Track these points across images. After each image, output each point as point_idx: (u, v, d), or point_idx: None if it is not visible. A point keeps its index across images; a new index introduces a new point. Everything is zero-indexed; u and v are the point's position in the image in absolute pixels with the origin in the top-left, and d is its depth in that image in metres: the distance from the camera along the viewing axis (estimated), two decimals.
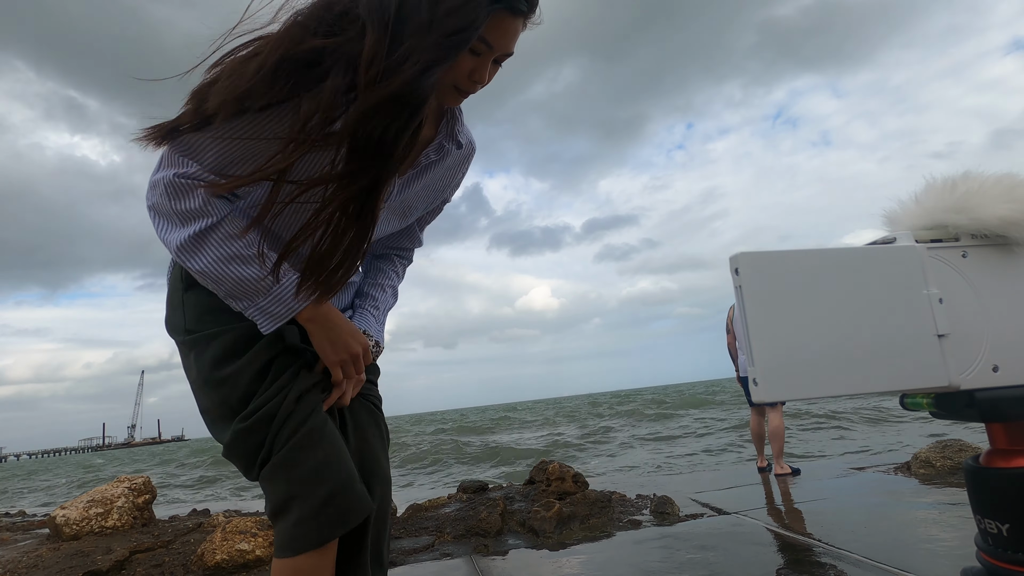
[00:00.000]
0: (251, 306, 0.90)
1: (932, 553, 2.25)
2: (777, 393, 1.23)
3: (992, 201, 1.30)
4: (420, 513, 3.78)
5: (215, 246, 0.87)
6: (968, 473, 1.37)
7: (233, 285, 0.88)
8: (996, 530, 1.26)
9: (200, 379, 0.94)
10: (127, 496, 3.90)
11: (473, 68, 0.91)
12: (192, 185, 0.86)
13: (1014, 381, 1.28)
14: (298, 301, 0.90)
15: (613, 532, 3.08)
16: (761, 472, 4.56)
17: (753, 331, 1.24)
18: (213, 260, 0.87)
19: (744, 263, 1.26)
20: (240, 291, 0.89)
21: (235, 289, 0.88)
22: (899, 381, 1.27)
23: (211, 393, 0.93)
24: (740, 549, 2.57)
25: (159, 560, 3.03)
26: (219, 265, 0.87)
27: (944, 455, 3.93)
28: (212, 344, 0.93)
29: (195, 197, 0.86)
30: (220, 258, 0.87)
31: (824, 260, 1.29)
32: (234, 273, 0.88)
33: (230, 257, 0.87)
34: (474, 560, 2.79)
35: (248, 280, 0.88)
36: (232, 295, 0.89)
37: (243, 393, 0.91)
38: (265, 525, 3.09)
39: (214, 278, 0.88)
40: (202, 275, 0.88)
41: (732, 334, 4.74)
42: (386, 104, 0.80)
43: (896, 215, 1.45)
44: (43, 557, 3.15)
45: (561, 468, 3.79)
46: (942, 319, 1.28)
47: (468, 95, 0.97)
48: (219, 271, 0.87)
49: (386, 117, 0.80)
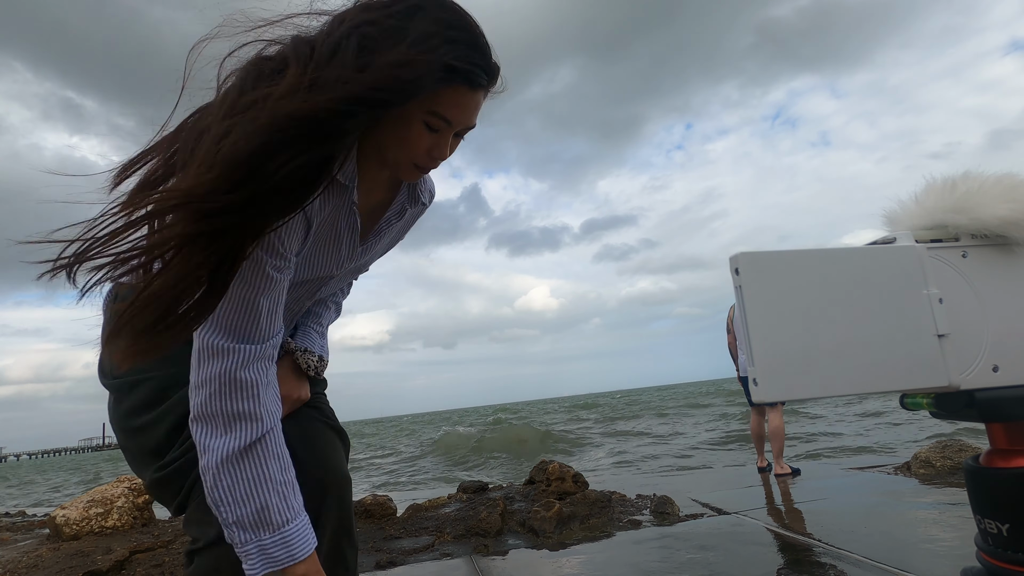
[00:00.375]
0: (252, 540, 0.75)
1: (932, 553, 2.25)
2: (777, 393, 1.23)
3: (992, 201, 1.30)
4: (420, 513, 3.78)
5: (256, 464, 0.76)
6: (968, 473, 1.37)
7: (251, 514, 0.75)
8: (996, 530, 1.26)
9: (117, 424, 0.92)
10: (127, 496, 3.90)
11: (432, 145, 0.83)
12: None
13: (1014, 381, 1.28)
14: (303, 549, 0.77)
15: (613, 532, 3.08)
16: (761, 472, 4.56)
17: (753, 331, 1.24)
18: (247, 480, 0.75)
19: (744, 263, 1.26)
20: (251, 521, 0.75)
21: (248, 519, 0.75)
22: (899, 381, 1.27)
23: (128, 439, 0.91)
24: (740, 549, 2.57)
25: (159, 560, 3.03)
26: (250, 487, 0.75)
27: (944, 455, 3.93)
28: (132, 392, 0.89)
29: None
30: (255, 479, 0.75)
31: (824, 260, 1.29)
32: (260, 500, 0.75)
33: (265, 480, 0.76)
34: (474, 560, 2.79)
35: (269, 510, 0.75)
36: (239, 523, 0.75)
37: (156, 444, 0.87)
38: None
39: (232, 500, 0.74)
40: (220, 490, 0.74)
41: (732, 334, 4.74)
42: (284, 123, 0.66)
43: (896, 215, 1.45)
44: (43, 557, 3.15)
45: (561, 468, 3.79)
46: (942, 319, 1.28)
47: (428, 171, 0.90)
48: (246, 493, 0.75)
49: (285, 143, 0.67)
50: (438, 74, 0.73)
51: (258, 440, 0.75)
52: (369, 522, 3.73)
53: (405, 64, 0.70)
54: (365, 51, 0.71)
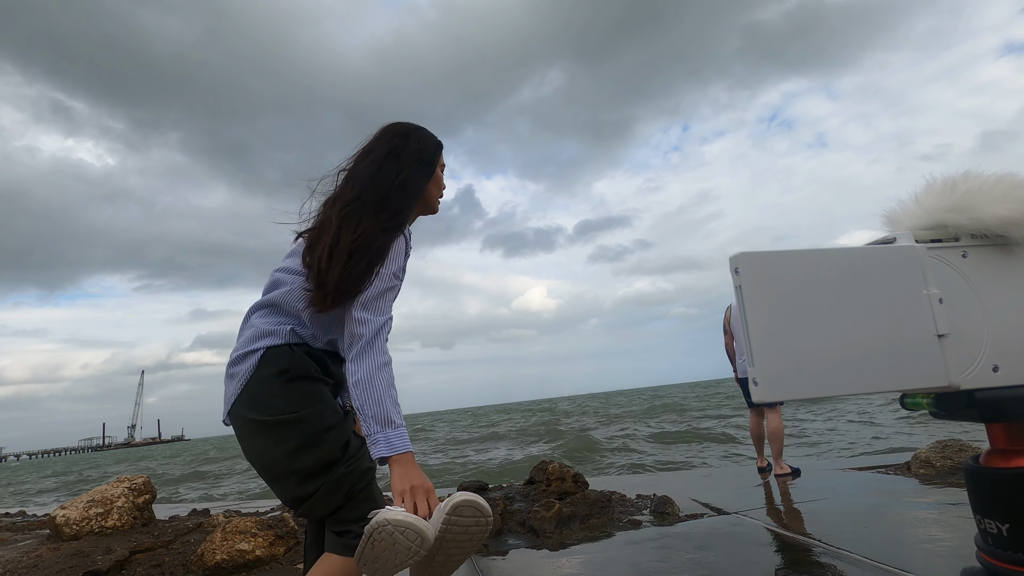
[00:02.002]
0: (380, 431, 1.16)
1: (932, 553, 2.25)
2: (777, 393, 1.23)
3: (992, 201, 1.30)
4: None
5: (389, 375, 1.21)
6: (968, 473, 1.37)
7: (383, 411, 1.16)
8: (996, 530, 1.26)
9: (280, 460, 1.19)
10: (127, 496, 3.90)
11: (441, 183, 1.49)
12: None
13: (1014, 381, 1.28)
14: (408, 445, 1.18)
15: (613, 532, 3.08)
16: (761, 472, 4.56)
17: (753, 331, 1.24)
18: (379, 392, 1.17)
19: (744, 263, 1.26)
20: (380, 417, 1.16)
21: (380, 414, 1.16)
22: (899, 381, 1.27)
23: (310, 452, 1.19)
24: (740, 549, 2.57)
25: (159, 560, 3.03)
26: (380, 398, 1.17)
27: (944, 455, 3.92)
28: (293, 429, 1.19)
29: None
30: (383, 394, 1.18)
31: (824, 260, 1.29)
32: (386, 407, 1.17)
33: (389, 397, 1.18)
34: (474, 560, 2.79)
35: (390, 411, 1.17)
36: (374, 417, 1.16)
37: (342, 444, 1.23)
38: (265, 525, 3.09)
39: (371, 404, 1.16)
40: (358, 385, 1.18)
41: (730, 334, 4.73)
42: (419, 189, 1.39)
43: (896, 215, 1.45)
44: (43, 557, 3.15)
45: (561, 468, 3.78)
46: (942, 319, 1.28)
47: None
48: (378, 401, 1.17)
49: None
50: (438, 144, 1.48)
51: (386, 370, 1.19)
52: None
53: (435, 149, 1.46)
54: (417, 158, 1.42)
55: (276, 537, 3.05)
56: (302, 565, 2.87)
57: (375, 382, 1.17)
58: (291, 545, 3.14)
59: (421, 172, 1.38)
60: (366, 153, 1.36)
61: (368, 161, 1.34)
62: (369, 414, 1.15)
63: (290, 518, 3.29)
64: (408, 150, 1.36)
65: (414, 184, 1.35)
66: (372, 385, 1.16)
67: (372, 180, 1.31)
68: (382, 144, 1.36)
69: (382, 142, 1.37)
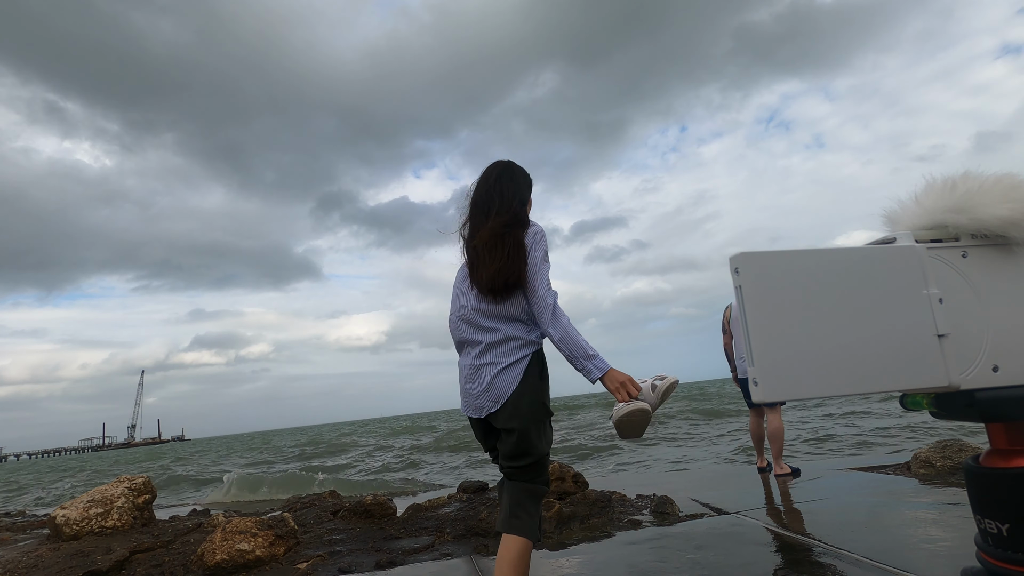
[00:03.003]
0: (588, 362, 1.64)
1: (932, 553, 2.25)
2: (777, 393, 1.23)
3: (992, 201, 1.30)
4: (420, 513, 3.78)
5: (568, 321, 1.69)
6: (968, 473, 1.37)
7: (584, 350, 1.64)
8: (996, 530, 1.26)
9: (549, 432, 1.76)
10: (127, 496, 3.90)
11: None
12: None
13: (1014, 381, 1.28)
14: (609, 364, 1.67)
15: (613, 532, 3.08)
16: (761, 472, 4.56)
17: (753, 331, 1.24)
18: (574, 337, 1.66)
19: (744, 263, 1.26)
20: (584, 354, 1.64)
21: (583, 353, 1.64)
22: (899, 381, 1.27)
23: (548, 432, 1.75)
24: (740, 549, 2.57)
25: (159, 560, 3.03)
26: (576, 339, 1.65)
27: (944, 455, 3.93)
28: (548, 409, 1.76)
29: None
30: (577, 332, 1.67)
31: (824, 260, 1.29)
32: (582, 344, 1.65)
33: (581, 338, 1.66)
34: (474, 560, 2.79)
35: (587, 348, 1.65)
36: (581, 356, 1.64)
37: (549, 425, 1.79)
38: (265, 525, 3.09)
39: (574, 347, 1.65)
40: (562, 340, 1.66)
41: (729, 334, 4.73)
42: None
43: (896, 215, 1.45)
44: (43, 557, 3.15)
45: (561, 468, 3.78)
46: (942, 319, 1.28)
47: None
48: (576, 342, 1.65)
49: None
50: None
51: (571, 324, 1.66)
52: (369, 522, 3.73)
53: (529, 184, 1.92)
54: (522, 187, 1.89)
55: (276, 537, 3.05)
56: (302, 565, 2.87)
57: (570, 333, 1.65)
58: (291, 545, 3.14)
59: (527, 188, 1.90)
60: (488, 181, 1.85)
61: (493, 187, 1.83)
62: (578, 355, 1.64)
63: (290, 518, 3.29)
64: (517, 173, 1.89)
65: (526, 196, 1.88)
66: (570, 336, 1.65)
67: (503, 199, 1.80)
68: (498, 173, 1.86)
69: (497, 172, 1.87)
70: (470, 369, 1.74)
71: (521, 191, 1.85)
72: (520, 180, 1.87)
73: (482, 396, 1.71)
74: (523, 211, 1.82)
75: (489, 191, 1.81)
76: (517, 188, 1.84)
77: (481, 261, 1.71)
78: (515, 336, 1.71)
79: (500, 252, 1.68)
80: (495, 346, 1.71)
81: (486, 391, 1.69)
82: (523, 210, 1.83)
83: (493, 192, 1.81)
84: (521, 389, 1.67)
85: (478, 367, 1.72)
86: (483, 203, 1.81)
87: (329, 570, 2.81)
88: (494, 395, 1.68)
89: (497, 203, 1.79)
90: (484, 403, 1.71)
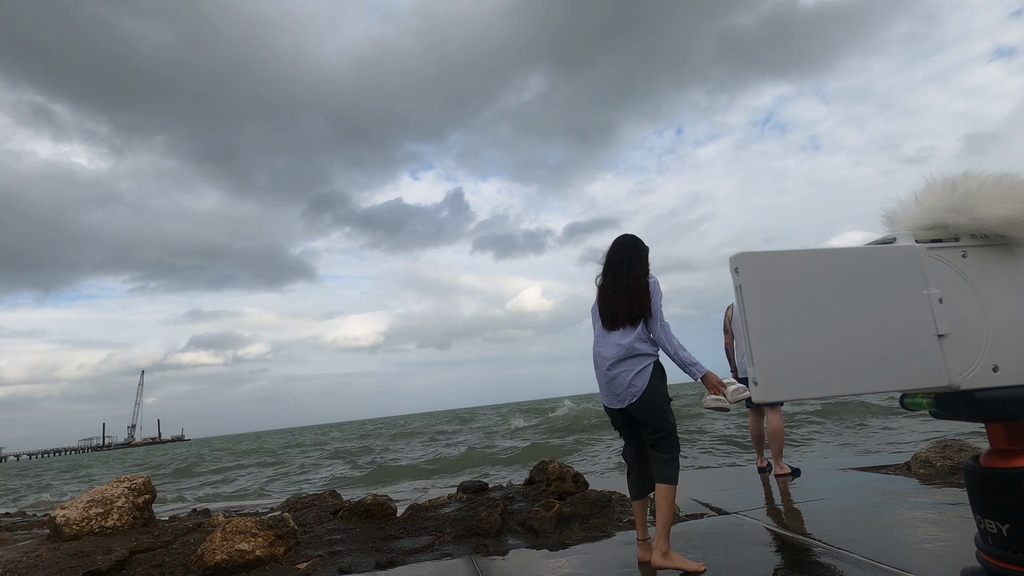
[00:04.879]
0: (692, 368, 2.41)
1: (932, 553, 2.25)
2: (777, 393, 1.23)
3: (992, 201, 1.30)
4: (420, 513, 3.77)
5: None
6: (968, 473, 1.37)
7: (691, 361, 2.41)
8: (996, 530, 1.26)
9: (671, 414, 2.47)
10: (127, 496, 3.90)
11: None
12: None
13: (1014, 381, 1.28)
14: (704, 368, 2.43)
15: (613, 532, 3.08)
16: (761, 472, 4.56)
17: (753, 331, 1.24)
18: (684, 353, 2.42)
19: (744, 263, 1.26)
20: (691, 362, 2.40)
21: (690, 362, 2.40)
22: (899, 381, 1.27)
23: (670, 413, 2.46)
24: (740, 549, 2.57)
25: (159, 560, 3.03)
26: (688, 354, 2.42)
27: (944, 455, 3.92)
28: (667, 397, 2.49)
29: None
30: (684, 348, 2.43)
31: (824, 260, 1.29)
32: (688, 355, 2.42)
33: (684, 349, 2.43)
34: (474, 560, 2.79)
35: (692, 358, 2.42)
36: (689, 365, 2.41)
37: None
38: (265, 525, 3.09)
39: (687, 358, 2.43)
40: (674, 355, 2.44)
41: (730, 334, 4.73)
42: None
43: (896, 215, 1.45)
44: (43, 557, 3.15)
45: (561, 468, 3.78)
46: (942, 319, 1.28)
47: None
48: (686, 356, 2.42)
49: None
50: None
51: (681, 346, 2.43)
52: (369, 522, 3.73)
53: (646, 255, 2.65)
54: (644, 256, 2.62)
55: (276, 537, 3.05)
56: (302, 565, 2.87)
57: (679, 351, 2.41)
58: (291, 545, 3.14)
59: (647, 253, 2.60)
60: (620, 247, 2.58)
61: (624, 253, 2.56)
62: (685, 364, 2.41)
63: (290, 518, 3.29)
64: (641, 244, 2.60)
65: (646, 259, 2.58)
66: (678, 353, 2.41)
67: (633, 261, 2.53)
68: (627, 244, 2.59)
69: (627, 242, 2.60)
70: (611, 374, 2.46)
71: (643, 257, 2.57)
72: (644, 249, 2.59)
73: (623, 392, 2.43)
74: (646, 268, 2.55)
75: (622, 255, 2.55)
76: (641, 254, 2.57)
77: (620, 300, 2.46)
78: (643, 352, 2.43)
79: (635, 295, 2.44)
80: (629, 359, 2.43)
81: (627, 388, 2.42)
82: (646, 267, 2.56)
83: (624, 256, 2.55)
84: (650, 386, 2.40)
85: (617, 373, 2.44)
86: (617, 262, 2.55)
87: (329, 570, 2.81)
88: (633, 391, 2.41)
89: (627, 263, 2.52)
90: (625, 397, 2.43)
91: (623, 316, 2.44)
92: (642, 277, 2.49)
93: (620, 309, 2.45)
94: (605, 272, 2.59)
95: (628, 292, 2.45)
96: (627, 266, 2.51)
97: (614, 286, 2.51)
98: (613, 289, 2.50)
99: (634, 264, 2.52)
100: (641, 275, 2.49)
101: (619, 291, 2.48)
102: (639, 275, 2.49)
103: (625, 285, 2.47)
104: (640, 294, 2.44)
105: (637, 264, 2.52)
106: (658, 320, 2.42)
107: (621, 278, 2.50)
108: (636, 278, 2.48)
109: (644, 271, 2.52)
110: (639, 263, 2.53)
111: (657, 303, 2.45)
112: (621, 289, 2.47)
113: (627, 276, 2.49)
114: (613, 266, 2.56)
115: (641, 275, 2.49)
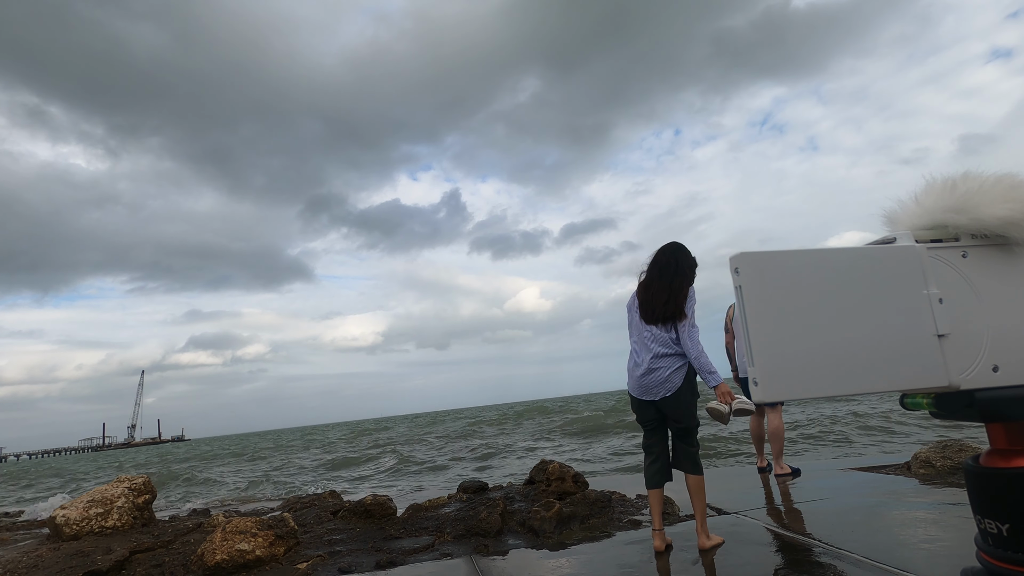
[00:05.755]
0: (709, 375, 2.56)
1: (932, 553, 2.25)
2: (777, 393, 1.23)
3: (992, 201, 1.30)
4: (420, 513, 3.77)
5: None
6: (968, 473, 1.37)
7: (709, 368, 2.56)
8: (996, 530, 1.26)
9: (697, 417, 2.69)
10: (127, 496, 3.90)
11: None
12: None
13: (1014, 381, 1.28)
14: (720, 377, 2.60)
15: (613, 532, 3.08)
16: (761, 472, 4.56)
17: (753, 331, 1.24)
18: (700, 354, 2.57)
19: (745, 263, 1.26)
20: (708, 370, 2.56)
21: (708, 369, 2.56)
22: (899, 381, 1.27)
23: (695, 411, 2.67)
24: (740, 549, 2.57)
25: (159, 560, 3.03)
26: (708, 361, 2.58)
27: (944, 455, 3.92)
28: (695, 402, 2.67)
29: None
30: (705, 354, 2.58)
31: (824, 260, 1.29)
32: (709, 363, 2.58)
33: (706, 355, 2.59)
34: (474, 560, 2.79)
35: (711, 367, 2.57)
36: (707, 372, 2.57)
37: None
38: (265, 525, 3.09)
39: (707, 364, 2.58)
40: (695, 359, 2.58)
41: (731, 333, 4.72)
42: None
43: (896, 215, 1.45)
44: (43, 557, 3.15)
45: (561, 468, 3.78)
46: (942, 319, 1.28)
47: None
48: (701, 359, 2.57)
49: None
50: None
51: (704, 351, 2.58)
52: (369, 522, 3.73)
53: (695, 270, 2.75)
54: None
55: (276, 537, 3.05)
56: (302, 565, 2.87)
57: (700, 357, 2.54)
58: (291, 545, 3.14)
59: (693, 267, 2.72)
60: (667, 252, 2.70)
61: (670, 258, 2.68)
62: (704, 370, 2.55)
63: (290, 518, 3.29)
64: (688, 253, 2.73)
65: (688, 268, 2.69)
66: (699, 359, 2.54)
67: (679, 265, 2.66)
68: (673, 249, 2.71)
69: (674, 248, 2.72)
70: (647, 369, 2.63)
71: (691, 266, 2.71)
72: (693, 260, 2.73)
73: (659, 387, 2.62)
74: (691, 278, 2.69)
75: (675, 256, 2.68)
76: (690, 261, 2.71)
77: (659, 296, 2.62)
78: (676, 352, 2.61)
79: (676, 294, 2.60)
80: (665, 357, 2.62)
81: (663, 383, 2.61)
82: (691, 277, 2.69)
83: (673, 257, 2.68)
84: (685, 384, 2.61)
85: (654, 368, 2.62)
86: (666, 263, 2.68)
87: (329, 570, 2.81)
88: (669, 386, 2.61)
89: (675, 264, 2.66)
90: (659, 391, 2.62)
91: (659, 312, 2.60)
92: (685, 285, 2.65)
93: (658, 304, 2.61)
94: (651, 268, 2.72)
95: (670, 290, 2.60)
96: (675, 267, 2.66)
97: (659, 282, 2.65)
98: (658, 285, 2.65)
99: (681, 267, 2.66)
100: (684, 283, 2.65)
101: (663, 287, 2.62)
102: (683, 282, 2.65)
103: (669, 282, 2.62)
104: (680, 295, 2.60)
105: (685, 268, 2.67)
106: (688, 322, 2.58)
107: (667, 276, 2.64)
108: (681, 282, 2.64)
109: (688, 280, 2.67)
110: (687, 268, 2.68)
111: (691, 308, 2.62)
112: (665, 286, 2.62)
113: (673, 276, 2.64)
114: (661, 264, 2.69)
115: (684, 283, 2.65)
